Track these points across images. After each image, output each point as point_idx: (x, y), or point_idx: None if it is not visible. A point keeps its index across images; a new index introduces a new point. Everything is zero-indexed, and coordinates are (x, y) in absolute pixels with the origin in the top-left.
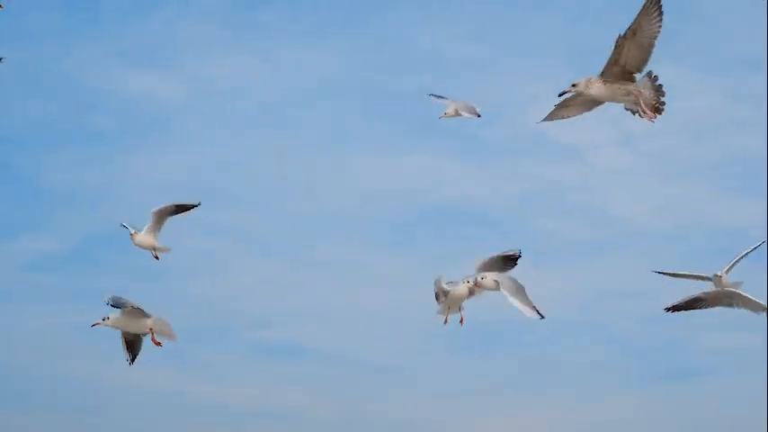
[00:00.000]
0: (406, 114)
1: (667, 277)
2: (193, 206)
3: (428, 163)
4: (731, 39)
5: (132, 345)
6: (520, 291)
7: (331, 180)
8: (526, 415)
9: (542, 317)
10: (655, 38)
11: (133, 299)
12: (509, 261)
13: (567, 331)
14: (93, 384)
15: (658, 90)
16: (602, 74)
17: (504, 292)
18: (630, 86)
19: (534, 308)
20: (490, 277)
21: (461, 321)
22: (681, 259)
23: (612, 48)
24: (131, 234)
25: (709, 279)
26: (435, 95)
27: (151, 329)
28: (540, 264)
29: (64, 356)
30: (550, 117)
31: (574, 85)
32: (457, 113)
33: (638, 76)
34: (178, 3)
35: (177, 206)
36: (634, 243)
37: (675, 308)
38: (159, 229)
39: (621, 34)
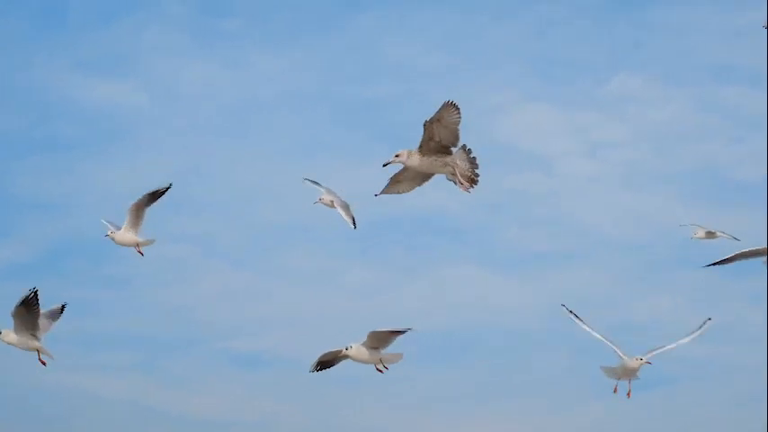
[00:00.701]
0: (374, 122)
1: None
2: (166, 189)
3: (393, 171)
4: (697, 49)
5: None
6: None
7: (299, 188)
8: (497, 423)
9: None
10: (456, 125)
11: (102, 307)
12: (399, 334)
13: (535, 341)
14: (62, 393)
15: (473, 162)
16: (420, 148)
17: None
18: (447, 159)
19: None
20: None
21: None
22: (646, 268)
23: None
24: (110, 234)
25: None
26: (310, 180)
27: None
28: (507, 273)
29: (30, 366)
30: (386, 191)
31: (397, 155)
32: (332, 205)
33: (453, 149)
34: (142, 11)
35: (150, 195)
36: (600, 252)
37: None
38: (139, 223)
39: (427, 120)
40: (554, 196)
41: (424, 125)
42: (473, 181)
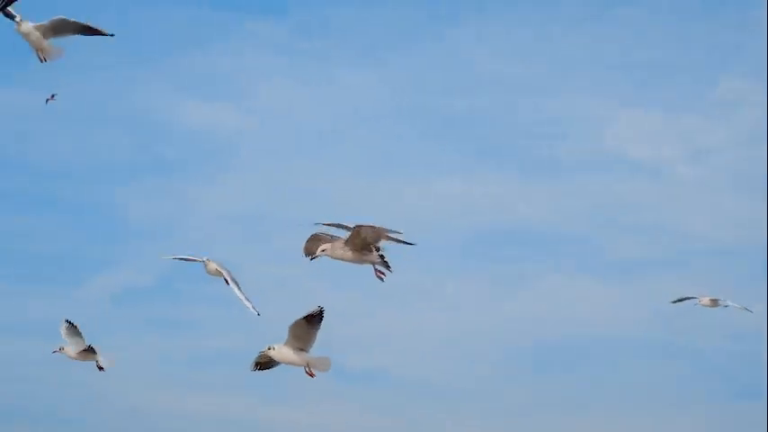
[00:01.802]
0: (468, 136)
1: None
2: (105, 34)
3: (493, 184)
4: None
5: None
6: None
7: (392, 204)
8: (598, 430)
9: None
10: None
11: (214, 326)
12: (312, 319)
13: (639, 348)
14: (178, 412)
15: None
16: (346, 242)
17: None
18: (368, 255)
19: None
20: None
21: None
22: (752, 275)
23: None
24: (17, 22)
25: None
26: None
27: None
28: (608, 282)
29: (150, 386)
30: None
31: (323, 250)
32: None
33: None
34: (239, 34)
35: (84, 26)
36: (705, 259)
37: None
38: (53, 36)
39: (357, 226)
40: (657, 202)
41: (353, 229)
42: (389, 269)
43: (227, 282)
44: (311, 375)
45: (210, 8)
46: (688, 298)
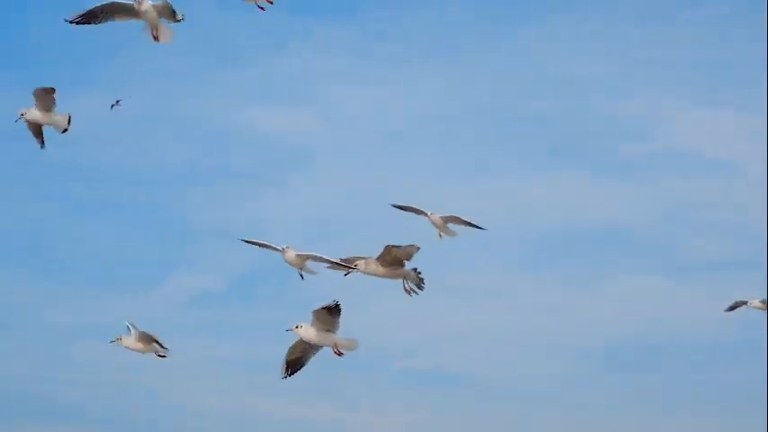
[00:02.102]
0: (542, 136)
1: None
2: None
3: (566, 184)
4: None
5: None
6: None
7: (467, 204)
8: None
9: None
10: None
11: (281, 332)
12: (332, 311)
13: (713, 349)
14: (251, 416)
15: (420, 279)
16: (378, 258)
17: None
18: (400, 270)
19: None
20: None
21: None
22: None
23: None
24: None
25: None
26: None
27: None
28: (686, 282)
29: (224, 390)
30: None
31: (355, 266)
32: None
33: (406, 263)
34: (311, 39)
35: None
36: None
37: None
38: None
39: (389, 245)
40: (732, 202)
41: (388, 249)
42: (420, 288)
43: (315, 259)
44: (339, 354)
45: (286, 12)
46: (740, 304)
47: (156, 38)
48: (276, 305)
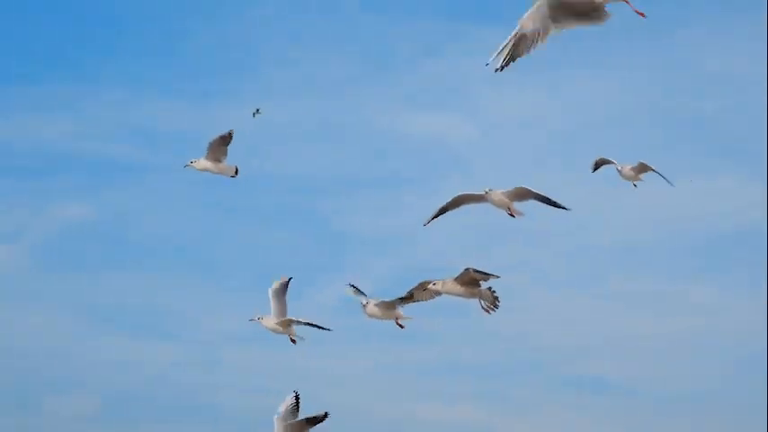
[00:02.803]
0: (701, 138)
1: None
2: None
3: (728, 186)
4: None
5: None
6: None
7: (625, 209)
8: None
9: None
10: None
11: (442, 337)
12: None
13: None
14: (408, 419)
15: (495, 298)
16: (456, 278)
17: None
18: (475, 290)
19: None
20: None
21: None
22: None
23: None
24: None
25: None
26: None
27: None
28: None
29: (385, 396)
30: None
31: (434, 284)
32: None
33: (482, 283)
34: (463, 42)
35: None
36: None
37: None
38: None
39: (469, 268)
40: None
41: (467, 271)
42: (495, 305)
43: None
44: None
45: (442, 16)
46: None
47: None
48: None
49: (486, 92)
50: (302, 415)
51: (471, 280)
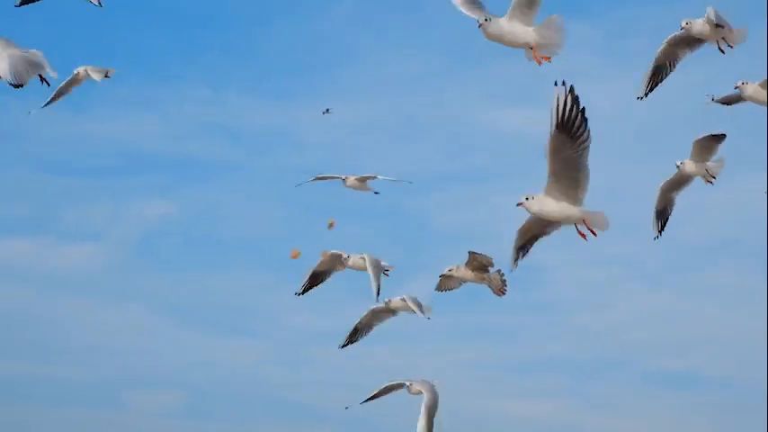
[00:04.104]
0: None
1: None
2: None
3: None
4: None
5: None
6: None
7: (720, 204)
8: None
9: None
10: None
11: (526, 333)
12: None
13: None
14: (495, 416)
15: (504, 282)
16: (466, 263)
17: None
18: (485, 275)
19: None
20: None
21: None
22: None
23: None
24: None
25: None
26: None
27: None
28: None
29: (471, 392)
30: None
31: (450, 270)
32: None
33: (491, 269)
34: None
35: None
36: None
37: None
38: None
39: (471, 251)
40: None
41: (471, 254)
42: (503, 291)
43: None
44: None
45: None
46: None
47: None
48: (513, 309)
49: (576, 86)
50: None
51: (480, 265)
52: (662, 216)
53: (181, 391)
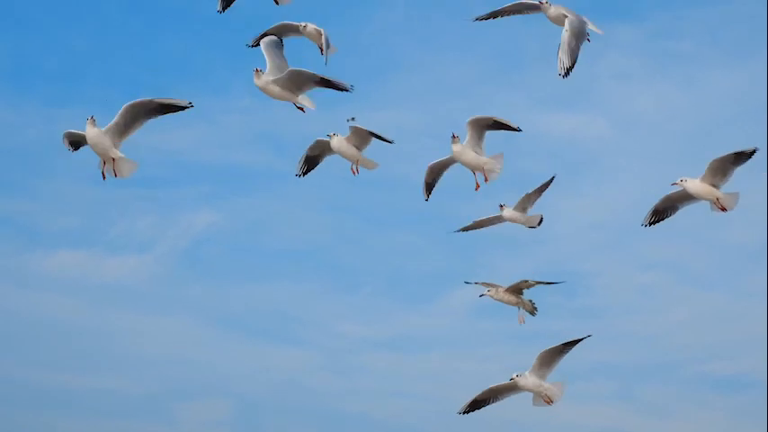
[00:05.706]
0: None
1: None
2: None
3: None
4: None
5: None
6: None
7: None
8: None
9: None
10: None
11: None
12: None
13: None
14: (541, 421)
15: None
16: (507, 290)
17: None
18: (520, 298)
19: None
20: None
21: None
22: None
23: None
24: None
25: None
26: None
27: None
28: None
29: (517, 397)
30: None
31: (489, 290)
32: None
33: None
34: (594, 42)
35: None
36: None
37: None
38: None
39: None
40: None
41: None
42: (533, 313)
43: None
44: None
45: None
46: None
47: None
48: (553, 315)
49: (615, 89)
50: None
51: (518, 289)
52: (658, 215)
53: (229, 401)
